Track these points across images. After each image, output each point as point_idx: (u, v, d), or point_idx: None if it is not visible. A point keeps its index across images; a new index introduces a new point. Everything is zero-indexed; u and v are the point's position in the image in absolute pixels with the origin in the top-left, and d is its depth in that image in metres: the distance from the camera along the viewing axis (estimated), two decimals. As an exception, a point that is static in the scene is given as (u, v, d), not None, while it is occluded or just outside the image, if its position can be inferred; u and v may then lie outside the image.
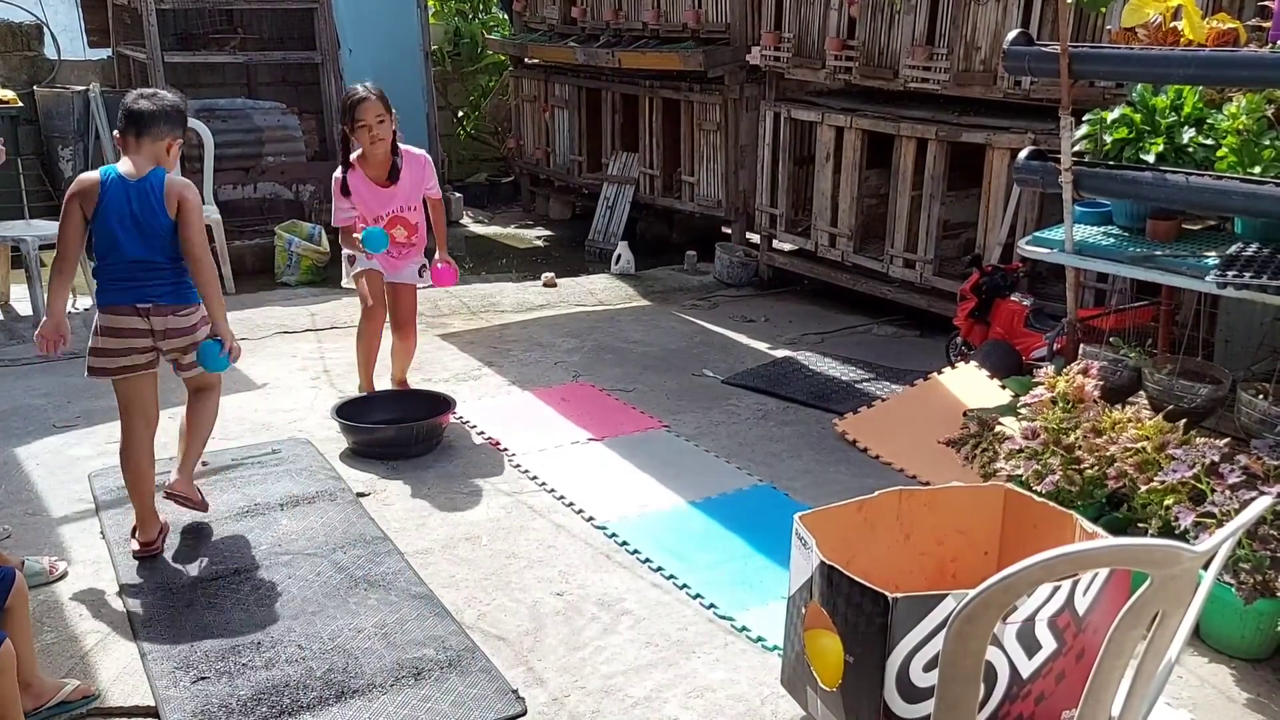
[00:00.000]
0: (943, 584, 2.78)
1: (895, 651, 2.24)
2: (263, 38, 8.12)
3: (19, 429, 4.36)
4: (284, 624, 3.03)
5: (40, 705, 2.58)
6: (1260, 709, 2.76)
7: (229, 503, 3.74)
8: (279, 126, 7.45)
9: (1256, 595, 2.73)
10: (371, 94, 4.23)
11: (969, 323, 4.94)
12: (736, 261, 6.91)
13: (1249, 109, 3.40)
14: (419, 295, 4.63)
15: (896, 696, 2.27)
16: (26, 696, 2.53)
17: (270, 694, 2.72)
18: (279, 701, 2.69)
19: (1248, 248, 3.41)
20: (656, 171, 7.75)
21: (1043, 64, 3.64)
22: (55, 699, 2.61)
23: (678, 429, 4.50)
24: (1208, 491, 2.91)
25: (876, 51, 5.81)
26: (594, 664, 2.90)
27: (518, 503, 3.83)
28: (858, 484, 3.85)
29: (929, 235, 5.69)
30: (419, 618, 3.06)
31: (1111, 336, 3.93)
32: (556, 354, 5.44)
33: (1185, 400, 3.51)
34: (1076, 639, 2.33)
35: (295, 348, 5.49)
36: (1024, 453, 3.34)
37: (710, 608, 3.17)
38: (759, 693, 2.78)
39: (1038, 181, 3.83)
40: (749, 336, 5.83)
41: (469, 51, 10.17)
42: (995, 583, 1.48)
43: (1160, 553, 1.54)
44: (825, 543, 2.45)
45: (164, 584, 3.22)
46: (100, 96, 7.90)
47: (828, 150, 6.19)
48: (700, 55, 6.79)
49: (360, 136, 4.25)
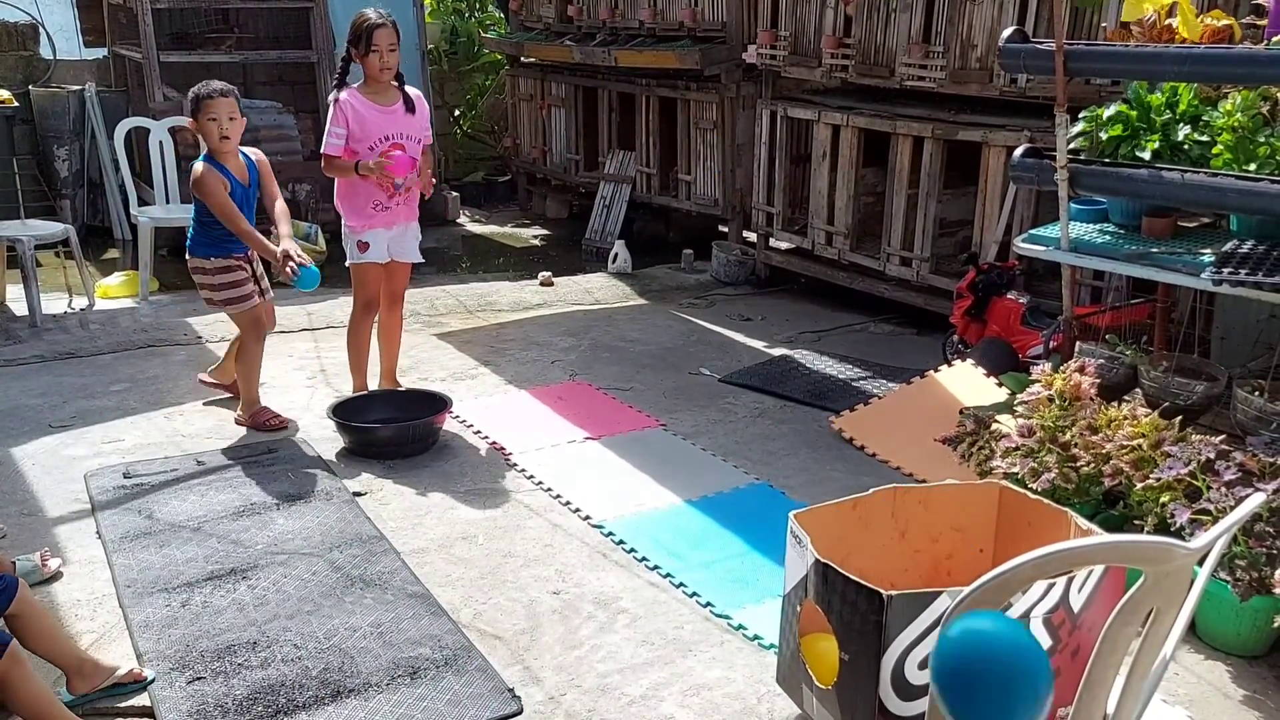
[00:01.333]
0: (938, 581, 2.78)
1: (890, 649, 2.24)
2: (258, 37, 8.12)
3: (14, 429, 4.36)
4: (280, 623, 3.02)
5: (95, 687, 2.68)
6: (1256, 705, 2.76)
7: (224, 502, 3.73)
8: (275, 126, 7.44)
9: (1252, 592, 2.73)
10: (386, 20, 4.12)
11: (965, 321, 4.94)
12: (733, 260, 6.91)
13: (1244, 106, 3.40)
14: (423, 293, 4.61)
15: (892, 694, 2.27)
16: (79, 679, 2.67)
17: (266, 694, 2.71)
18: (275, 701, 2.68)
19: (1243, 245, 3.41)
20: (653, 170, 7.75)
21: (1038, 61, 3.64)
22: (109, 680, 2.70)
23: (674, 428, 4.50)
24: (1203, 488, 2.91)
25: (873, 50, 5.81)
26: (590, 662, 2.90)
27: (514, 502, 3.82)
28: (854, 482, 3.85)
29: (925, 233, 5.69)
30: (415, 617, 3.06)
31: (1108, 334, 3.93)
32: (553, 353, 5.44)
33: (1181, 397, 3.51)
34: (1071, 636, 2.33)
35: (291, 347, 5.48)
36: (1020, 450, 3.34)
37: (707, 606, 3.17)
38: (755, 691, 2.78)
39: (1034, 179, 3.83)
40: (746, 335, 5.83)
41: (465, 50, 10.16)
42: (990, 580, 1.48)
43: (1154, 550, 1.54)
44: (820, 541, 2.45)
45: (160, 584, 3.21)
46: (96, 96, 7.90)
47: (824, 148, 6.19)
48: (697, 54, 6.79)
49: (370, 63, 4.14)
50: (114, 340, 5.49)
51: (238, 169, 4.20)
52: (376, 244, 4.35)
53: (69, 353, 5.29)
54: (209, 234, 4.20)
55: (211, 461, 4.05)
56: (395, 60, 4.19)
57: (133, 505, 3.71)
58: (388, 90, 4.26)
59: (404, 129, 4.27)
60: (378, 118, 4.22)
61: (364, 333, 4.51)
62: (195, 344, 5.50)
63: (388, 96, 4.26)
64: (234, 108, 4.13)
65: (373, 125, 4.21)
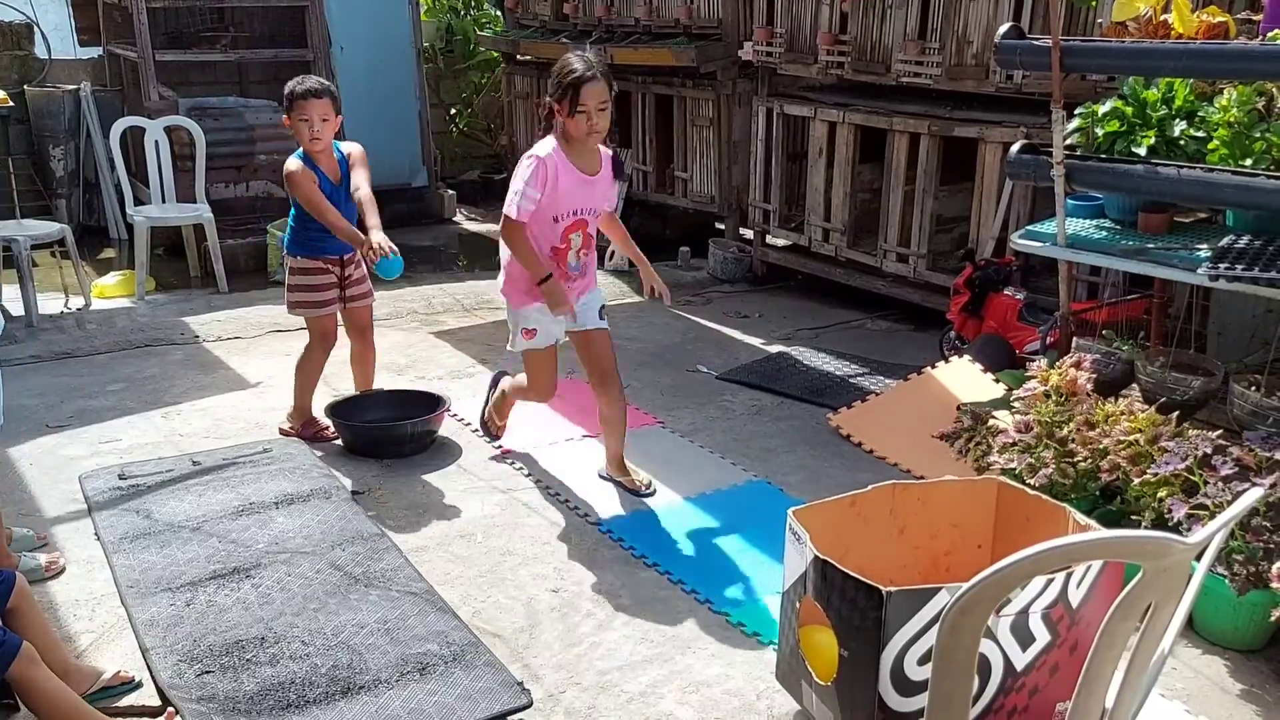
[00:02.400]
0: (936, 578, 2.78)
1: (890, 645, 2.25)
2: (254, 35, 8.09)
3: (12, 429, 4.35)
4: (286, 620, 3.02)
5: (83, 693, 2.62)
6: (1254, 700, 2.77)
7: (223, 502, 3.73)
8: (270, 125, 7.41)
9: (1249, 587, 2.73)
10: (598, 72, 3.40)
11: (962, 317, 4.95)
12: (730, 257, 6.91)
13: (1240, 101, 3.40)
14: (420, 292, 4.55)
15: (891, 690, 2.28)
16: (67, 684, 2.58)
17: (276, 689, 2.71)
18: (285, 696, 2.69)
19: (1239, 240, 3.42)
20: (649, 167, 7.74)
21: (1034, 58, 3.64)
22: (96, 685, 2.66)
23: (672, 425, 4.50)
24: (1200, 483, 2.92)
25: (868, 46, 5.81)
26: (589, 660, 2.90)
27: (512, 499, 3.82)
28: (852, 478, 3.85)
29: (922, 230, 5.70)
30: (421, 613, 3.06)
31: (1104, 330, 3.94)
32: (550, 351, 5.43)
33: (1178, 393, 3.52)
34: (1070, 631, 2.33)
35: (288, 346, 5.47)
36: (1017, 446, 3.35)
37: (705, 603, 3.17)
38: (754, 687, 2.78)
39: (1030, 175, 3.84)
40: (743, 332, 5.83)
41: (461, 48, 10.15)
42: (989, 575, 1.48)
43: (1152, 545, 1.54)
44: (819, 537, 2.46)
45: (162, 582, 3.21)
46: (91, 96, 7.88)
47: (820, 145, 6.19)
48: (693, 51, 6.78)
49: (577, 126, 3.43)
50: (110, 340, 5.48)
51: (329, 167, 4.06)
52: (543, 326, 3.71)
53: (65, 353, 5.28)
54: (300, 233, 4.13)
55: (207, 461, 4.04)
56: (607, 122, 3.45)
57: (130, 506, 3.70)
58: (593, 154, 3.59)
59: (596, 203, 3.62)
60: (576, 188, 3.54)
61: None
62: (192, 343, 5.49)
63: (592, 162, 3.58)
64: (327, 109, 3.95)
65: (566, 196, 3.52)
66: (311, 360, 4.30)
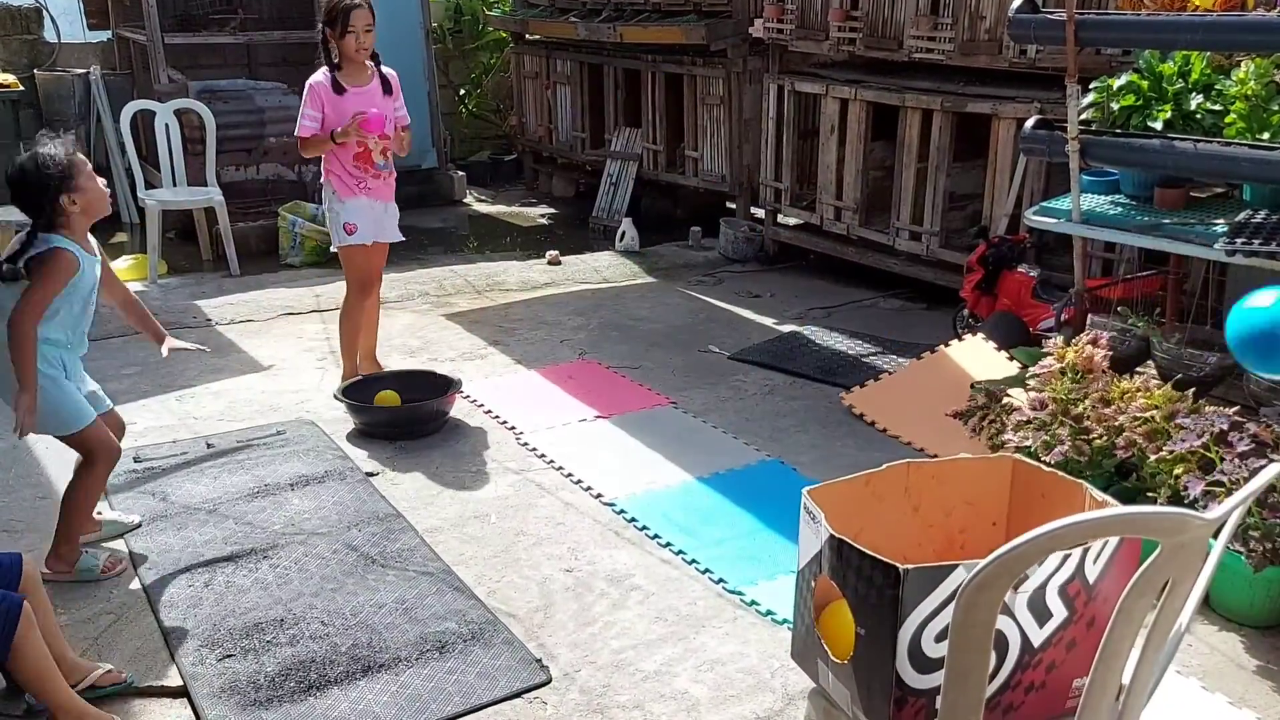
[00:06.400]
0: (951, 555, 2.77)
1: (906, 623, 2.24)
2: (262, 18, 8.07)
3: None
4: (305, 601, 3.05)
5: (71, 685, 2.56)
6: (1270, 676, 2.77)
7: (239, 484, 3.75)
8: (281, 107, 7.40)
9: (1266, 563, 2.73)
10: (364, 2, 4.14)
11: (976, 295, 4.92)
12: (741, 237, 6.89)
13: (1257, 74, 3.37)
14: (431, 274, 4.59)
15: (909, 667, 2.27)
16: None
17: (297, 670, 2.74)
18: (306, 676, 2.71)
19: (1256, 215, 3.39)
20: (660, 147, 7.71)
21: (1049, 32, 3.61)
22: (86, 682, 2.61)
23: (685, 405, 4.50)
24: (1217, 460, 2.91)
25: (880, 22, 5.76)
26: (604, 639, 2.91)
27: (526, 480, 3.83)
28: (865, 458, 3.84)
29: (935, 207, 5.66)
30: (438, 592, 3.08)
31: (1119, 306, 3.92)
32: (562, 332, 5.44)
33: (1194, 369, 3.50)
34: (1087, 607, 2.33)
35: (301, 329, 5.49)
36: (1032, 424, 3.34)
37: (719, 582, 3.18)
38: (769, 665, 2.79)
39: (1044, 151, 3.81)
40: (755, 312, 5.82)
41: (470, 28, 10.11)
42: (1006, 552, 1.48)
43: (1170, 521, 1.53)
44: (833, 516, 2.45)
45: (180, 564, 3.23)
46: (101, 79, 7.88)
47: (832, 123, 6.15)
48: (702, 28, 6.74)
49: (347, 45, 4.16)
50: (124, 323, 5.48)
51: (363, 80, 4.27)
52: (362, 224, 4.33)
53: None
54: None
55: (222, 444, 4.06)
56: (371, 41, 4.20)
57: (146, 488, 3.73)
58: (363, 70, 4.27)
59: (380, 109, 4.24)
60: (352, 98, 4.22)
61: (356, 315, 4.48)
62: (205, 326, 5.51)
63: (363, 77, 4.27)
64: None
65: (347, 106, 4.20)
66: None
